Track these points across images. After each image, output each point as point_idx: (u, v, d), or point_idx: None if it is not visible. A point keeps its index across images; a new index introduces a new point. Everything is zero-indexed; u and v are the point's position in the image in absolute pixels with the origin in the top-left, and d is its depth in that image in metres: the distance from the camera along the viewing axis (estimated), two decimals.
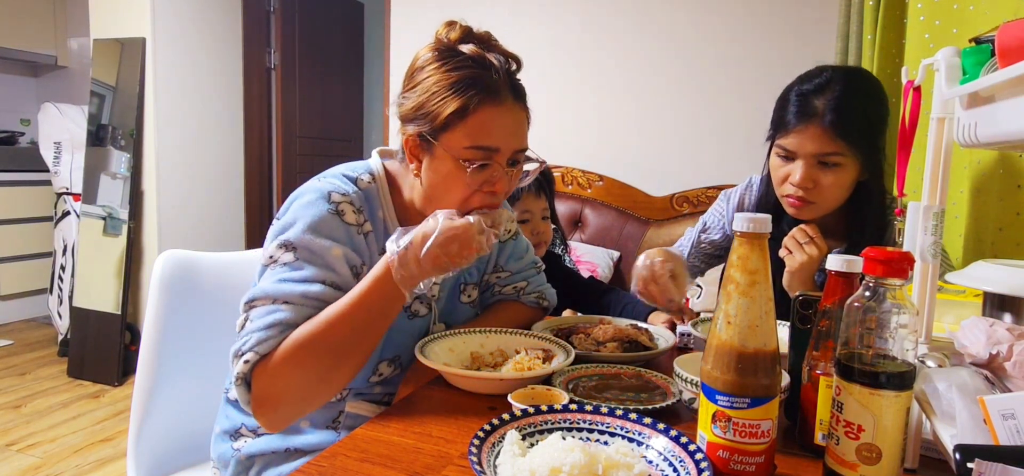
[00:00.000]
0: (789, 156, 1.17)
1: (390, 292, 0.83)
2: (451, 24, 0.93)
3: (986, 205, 1.30)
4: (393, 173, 1.01)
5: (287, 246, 0.87)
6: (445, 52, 0.91)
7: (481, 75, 0.89)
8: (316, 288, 0.84)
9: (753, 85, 2.70)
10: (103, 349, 2.99)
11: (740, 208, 1.39)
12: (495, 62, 0.91)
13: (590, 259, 2.63)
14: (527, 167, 0.98)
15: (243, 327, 0.85)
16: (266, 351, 0.81)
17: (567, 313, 2.10)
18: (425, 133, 0.91)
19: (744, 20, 2.70)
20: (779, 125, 1.19)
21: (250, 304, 0.85)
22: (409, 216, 1.01)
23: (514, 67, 0.95)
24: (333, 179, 0.93)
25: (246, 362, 0.81)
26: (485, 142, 0.89)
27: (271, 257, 0.88)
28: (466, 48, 0.91)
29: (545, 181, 2.25)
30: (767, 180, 1.28)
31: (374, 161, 1.01)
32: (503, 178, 0.92)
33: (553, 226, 2.20)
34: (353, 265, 0.90)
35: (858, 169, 1.13)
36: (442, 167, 0.91)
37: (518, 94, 0.94)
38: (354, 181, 0.94)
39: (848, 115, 1.10)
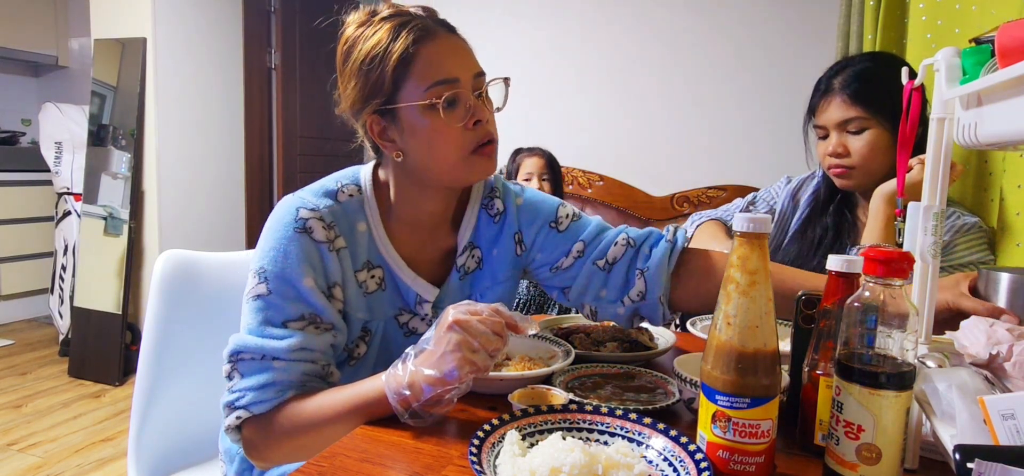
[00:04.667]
0: (824, 132, 1.30)
1: (386, 407, 0.76)
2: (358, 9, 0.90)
3: (986, 205, 1.30)
4: (381, 179, 0.96)
5: (260, 275, 0.85)
6: (363, 23, 0.88)
7: (405, 21, 0.86)
8: (297, 338, 0.82)
9: (754, 85, 2.70)
10: (104, 349, 3.00)
11: (797, 192, 1.45)
12: (413, 10, 0.89)
13: None
14: (493, 90, 0.92)
15: (230, 376, 0.83)
16: (260, 412, 0.81)
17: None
18: (381, 107, 0.87)
19: (745, 20, 2.70)
20: (810, 109, 1.33)
21: (237, 356, 0.82)
22: (400, 219, 0.95)
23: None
24: (306, 194, 0.90)
25: (238, 418, 0.82)
26: (441, 76, 0.85)
27: (248, 287, 0.86)
28: (383, 12, 0.88)
29: (551, 170, 2.28)
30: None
31: (364, 170, 0.96)
32: (479, 106, 0.88)
33: None
34: (327, 287, 0.87)
35: (888, 134, 1.23)
36: (418, 128, 0.86)
37: (449, 28, 0.90)
38: (334, 194, 0.91)
39: (864, 84, 1.23)
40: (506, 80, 0.93)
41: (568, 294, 1.03)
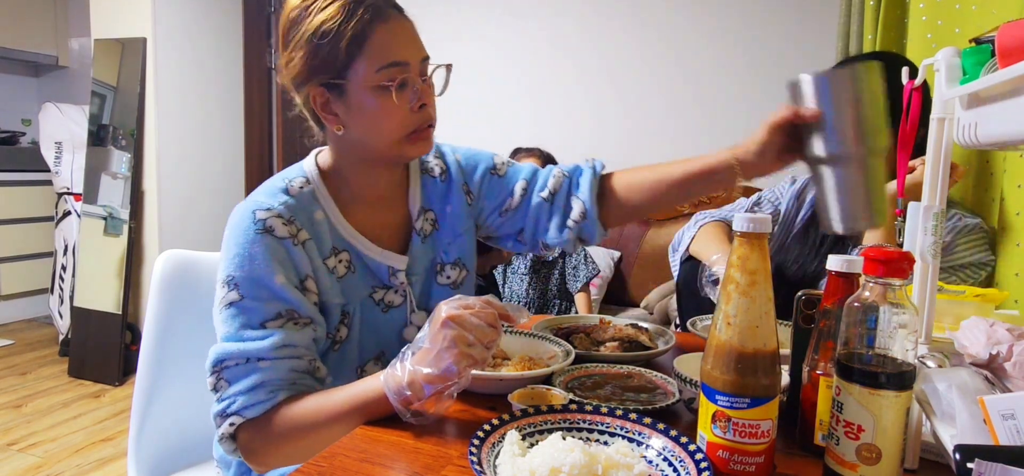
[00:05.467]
0: None
1: (386, 407, 0.76)
2: None
3: (987, 205, 1.30)
4: (325, 166, 0.97)
5: (229, 283, 0.84)
6: None
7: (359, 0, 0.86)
8: (278, 336, 0.81)
9: (753, 85, 2.70)
10: (104, 349, 3.00)
11: (803, 191, 1.44)
12: None
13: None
14: (436, 75, 0.94)
15: (216, 387, 0.83)
16: (253, 415, 0.80)
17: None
18: (329, 81, 0.87)
19: (745, 21, 2.70)
20: None
21: (222, 364, 0.82)
22: (354, 200, 0.96)
23: None
24: (259, 196, 0.89)
25: (231, 425, 0.81)
26: (393, 58, 0.86)
27: (218, 298, 0.85)
28: None
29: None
30: None
31: (307, 162, 0.97)
32: (425, 90, 0.90)
33: None
34: (299, 282, 0.87)
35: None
36: (365, 105, 0.87)
37: (399, 8, 0.90)
38: (285, 189, 0.90)
39: None
40: (448, 67, 0.94)
41: (522, 238, 1.09)
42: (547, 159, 2.36)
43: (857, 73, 0.77)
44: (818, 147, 0.79)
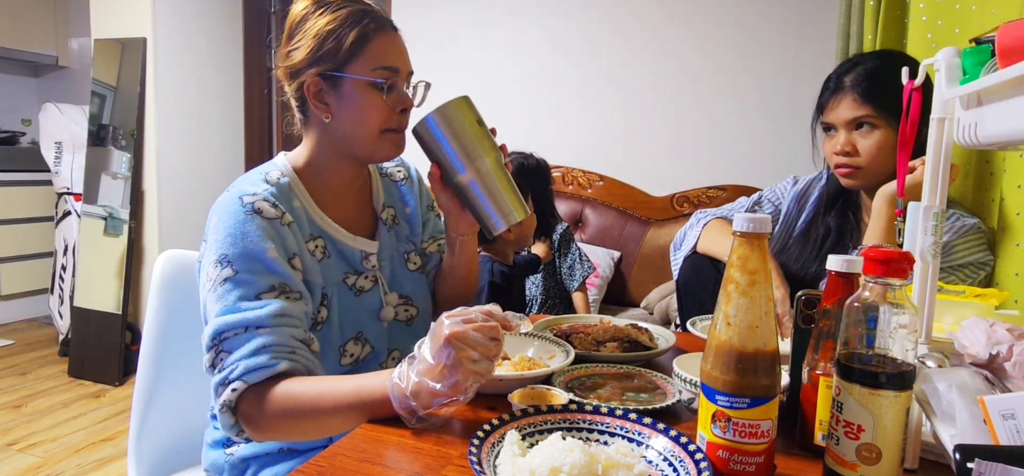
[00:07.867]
0: (831, 129, 1.29)
1: (389, 409, 0.76)
2: None
3: (987, 205, 1.30)
4: (297, 163, 1.02)
5: (222, 261, 0.86)
6: (322, 2, 0.97)
7: (367, 9, 0.97)
8: (276, 304, 0.84)
9: (753, 85, 2.70)
10: (104, 349, 2.99)
11: (805, 193, 1.44)
12: (371, 3, 1.00)
13: (591, 259, 2.63)
14: (418, 89, 1.04)
15: (215, 361, 0.83)
16: (255, 380, 0.81)
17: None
18: (328, 72, 0.95)
19: (745, 21, 2.70)
20: (819, 106, 1.32)
21: (220, 337, 0.83)
22: (326, 190, 1.02)
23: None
24: (242, 185, 0.93)
25: (234, 391, 0.81)
26: (387, 63, 0.96)
27: (211, 279, 0.87)
28: None
29: (519, 174, 2.28)
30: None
31: (279, 159, 1.03)
32: (408, 98, 1.00)
33: (564, 223, 2.28)
34: (288, 259, 0.91)
35: (896, 134, 1.21)
36: (355, 97, 0.95)
37: (395, 27, 1.02)
38: (265, 179, 0.96)
39: (876, 83, 1.21)
40: (427, 84, 1.03)
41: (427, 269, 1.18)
42: (518, 164, 2.32)
43: (447, 110, 0.93)
44: (451, 176, 0.96)
